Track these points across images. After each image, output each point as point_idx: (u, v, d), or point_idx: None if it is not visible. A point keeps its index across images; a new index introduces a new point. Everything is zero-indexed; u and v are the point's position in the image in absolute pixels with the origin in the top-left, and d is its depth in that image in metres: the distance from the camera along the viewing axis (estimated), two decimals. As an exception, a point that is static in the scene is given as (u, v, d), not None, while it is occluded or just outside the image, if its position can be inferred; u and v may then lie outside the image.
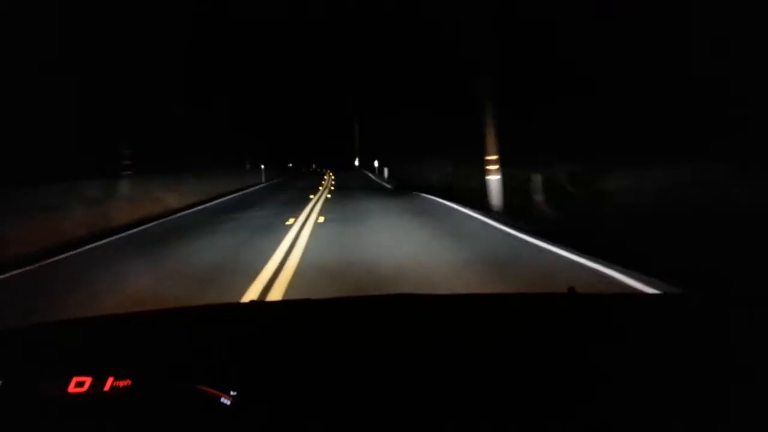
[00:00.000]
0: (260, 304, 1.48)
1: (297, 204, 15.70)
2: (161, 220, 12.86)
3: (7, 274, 6.89)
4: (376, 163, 37.95)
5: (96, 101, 17.46)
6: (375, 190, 23.40)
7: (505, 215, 10.75)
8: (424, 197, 16.34)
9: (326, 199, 17.72)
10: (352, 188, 24.47)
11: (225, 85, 33.46)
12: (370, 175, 40.59)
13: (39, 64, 14.57)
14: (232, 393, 0.87)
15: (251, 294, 4.97)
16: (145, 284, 5.63)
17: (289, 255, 6.94)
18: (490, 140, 12.44)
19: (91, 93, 17.16)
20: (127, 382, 0.90)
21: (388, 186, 25.67)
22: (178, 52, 23.79)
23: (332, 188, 24.46)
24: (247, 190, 26.15)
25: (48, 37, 15.34)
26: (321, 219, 11.21)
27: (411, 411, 0.87)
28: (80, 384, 0.90)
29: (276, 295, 4.90)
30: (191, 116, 24.90)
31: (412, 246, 7.45)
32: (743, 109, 10.35)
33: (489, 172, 12.17)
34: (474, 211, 11.44)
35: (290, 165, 68.64)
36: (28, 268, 7.29)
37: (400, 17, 27.48)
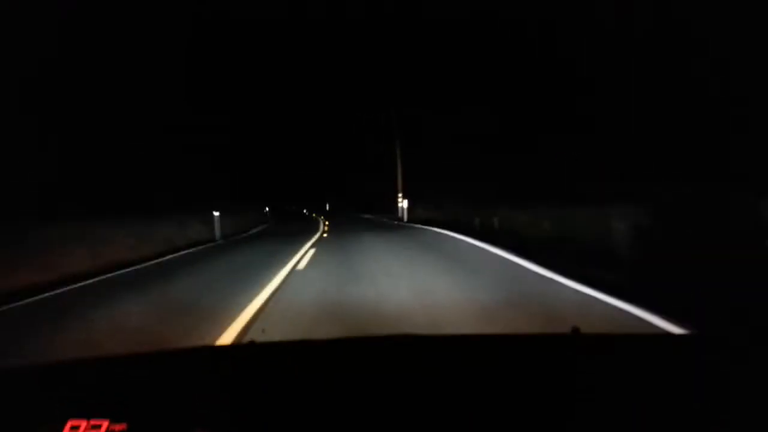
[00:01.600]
0: (260, 345, 1.47)
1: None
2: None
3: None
4: None
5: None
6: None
7: None
8: None
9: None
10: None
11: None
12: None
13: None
14: None
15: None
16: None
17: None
18: None
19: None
20: (123, 426, 0.89)
21: None
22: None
23: None
24: None
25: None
26: None
27: None
28: (75, 428, 0.90)
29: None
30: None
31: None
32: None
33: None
34: None
35: (267, 209, 39.51)
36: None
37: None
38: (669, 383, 1.12)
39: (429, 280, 6.61)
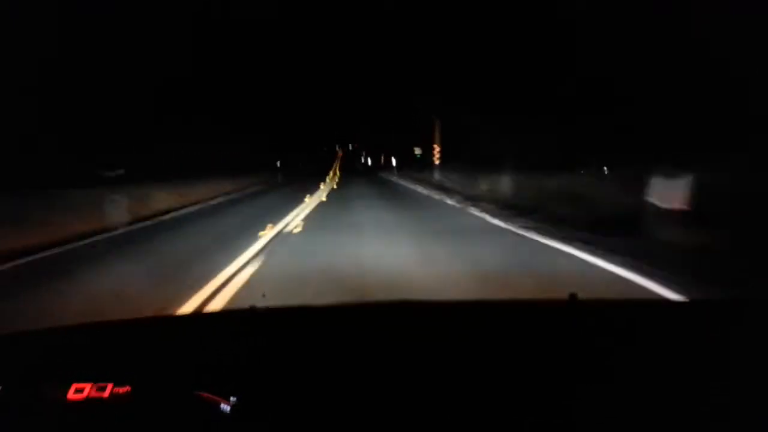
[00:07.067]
0: (260, 310, 1.48)
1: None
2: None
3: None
4: None
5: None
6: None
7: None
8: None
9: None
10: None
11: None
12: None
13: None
14: (231, 399, 0.87)
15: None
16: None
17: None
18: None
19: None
20: (126, 389, 0.90)
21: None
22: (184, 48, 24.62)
23: None
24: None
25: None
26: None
27: (412, 417, 0.86)
28: (80, 390, 0.90)
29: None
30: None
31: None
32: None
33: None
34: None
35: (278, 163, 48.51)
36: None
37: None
38: (668, 350, 1.12)
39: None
